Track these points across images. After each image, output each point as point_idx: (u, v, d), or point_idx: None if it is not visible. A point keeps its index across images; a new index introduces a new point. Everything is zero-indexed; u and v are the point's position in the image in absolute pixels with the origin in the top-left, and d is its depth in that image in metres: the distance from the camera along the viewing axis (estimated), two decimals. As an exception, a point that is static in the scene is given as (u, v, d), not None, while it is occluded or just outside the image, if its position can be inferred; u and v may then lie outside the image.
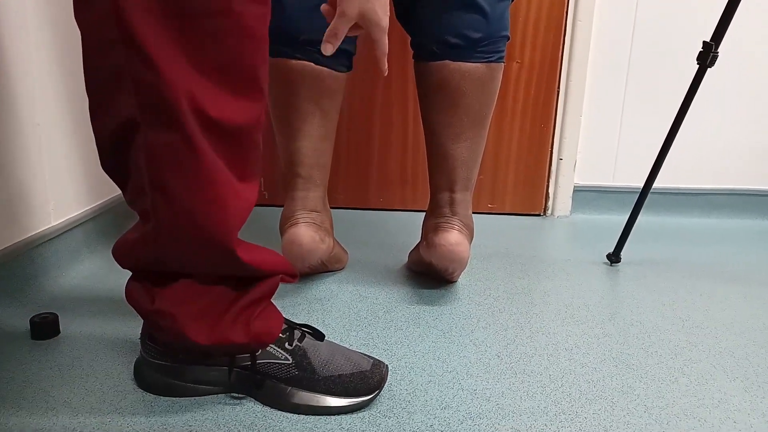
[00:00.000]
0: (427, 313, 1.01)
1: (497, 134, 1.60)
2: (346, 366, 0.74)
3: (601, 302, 1.08)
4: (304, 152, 1.06)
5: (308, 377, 0.72)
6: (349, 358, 0.76)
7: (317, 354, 0.74)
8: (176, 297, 0.69)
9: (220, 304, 0.70)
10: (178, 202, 0.63)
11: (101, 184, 1.27)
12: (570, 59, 1.56)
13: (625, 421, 0.73)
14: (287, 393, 0.72)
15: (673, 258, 1.34)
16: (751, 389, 0.81)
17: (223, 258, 0.67)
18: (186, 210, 0.63)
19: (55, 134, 1.09)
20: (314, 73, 1.02)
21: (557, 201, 1.65)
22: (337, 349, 0.77)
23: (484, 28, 0.99)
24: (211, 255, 0.66)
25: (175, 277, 0.69)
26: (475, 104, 1.03)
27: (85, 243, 1.18)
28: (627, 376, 0.84)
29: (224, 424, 0.70)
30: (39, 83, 1.03)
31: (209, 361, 0.73)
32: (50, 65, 1.06)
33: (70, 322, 0.93)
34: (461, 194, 1.06)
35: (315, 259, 1.06)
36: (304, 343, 0.74)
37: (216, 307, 0.70)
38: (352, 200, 1.66)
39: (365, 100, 1.58)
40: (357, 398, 0.73)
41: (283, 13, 1.00)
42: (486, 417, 0.73)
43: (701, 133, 1.64)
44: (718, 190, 1.67)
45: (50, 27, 1.06)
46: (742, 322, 1.02)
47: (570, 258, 1.31)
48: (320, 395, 0.72)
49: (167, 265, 0.68)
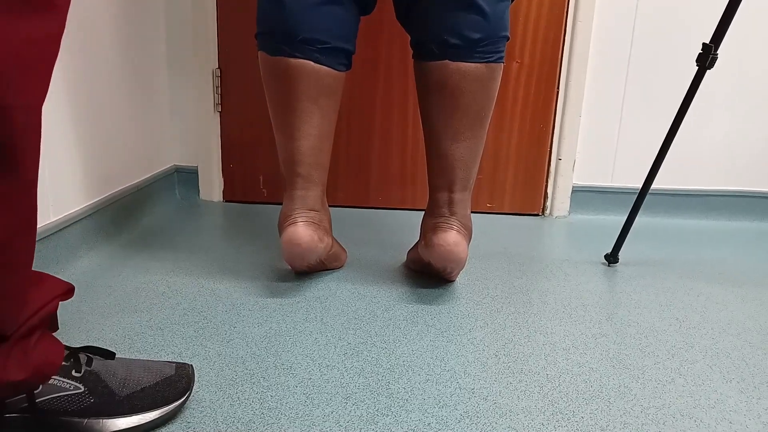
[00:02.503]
0: (425, 312, 1.02)
1: (496, 134, 1.61)
2: (148, 377, 0.69)
3: (599, 302, 1.09)
4: (303, 151, 1.06)
5: (107, 401, 0.65)
6: (148, 368, 0.71)
7: (112, 374, 0.67)
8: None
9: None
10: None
11: (100, 181, 1.27)
12: (570, 59, 1.56)
13: (621, 421, 0.73)
14: (84, 426, 0.64)
15: (671, 259, 1.34)
16: (747, 390, 0.82)
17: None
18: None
19: (53, 130, 1.09)
20: (313, 72, 1.02)
21: (556, 201, 1.65)
22: (133, 363, 0.71)
23: (484, 28, 0.99)
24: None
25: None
26: (474, 104, 1.03)
27: (83, 239, 1.18)
28: (624, 376, 0.84)
29: (223, 421, 0.70)
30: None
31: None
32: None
33: (67, 317, 0.93)
34: (460, 194, 1.07)
35: (313, 257, 1.06)
36: (94, 366, 0.67)
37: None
38: (351, 199, 1.66)
39: (365, 99, 1.59)
40: (167, 406, 0.68)
41: (282, 12, 1.00)
42: (483, 416, 0.73)
43: (700, 135, 1.64)
44: (716, 191, 1.67)
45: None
46: (739, 324, 1.03)
47: (568, 258, 1.32)
48: (125, 417, 0.65)
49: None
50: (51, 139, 1.08)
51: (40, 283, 0.64)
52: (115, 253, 1.22)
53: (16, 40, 0.50)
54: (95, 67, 1.22)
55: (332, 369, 0.83)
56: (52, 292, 0.65)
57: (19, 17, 0.50)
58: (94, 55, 1.21)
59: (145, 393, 0.68)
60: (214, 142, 1.62)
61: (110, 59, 1.28)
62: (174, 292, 1.05)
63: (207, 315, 0.97)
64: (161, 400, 0.69)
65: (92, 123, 1.22)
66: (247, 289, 1.08)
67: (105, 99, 1.27)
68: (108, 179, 1.30)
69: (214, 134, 1.62)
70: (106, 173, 1.29)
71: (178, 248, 1.27)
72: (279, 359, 0.85)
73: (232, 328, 0.93)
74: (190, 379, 0.73)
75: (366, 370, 0.83)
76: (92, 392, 0.65)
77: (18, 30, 0.50)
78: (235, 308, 1.00)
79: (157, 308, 0.99)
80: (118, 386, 0.67)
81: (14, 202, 0.54)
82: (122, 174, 1.37)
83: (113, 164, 1.32)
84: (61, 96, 1.10)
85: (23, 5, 0.50)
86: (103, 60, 1.25)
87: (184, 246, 1.29)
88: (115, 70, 1.30)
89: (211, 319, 0.96)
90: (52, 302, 0.65)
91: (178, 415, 0.71)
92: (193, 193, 1.66)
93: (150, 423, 0.67)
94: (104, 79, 1.26)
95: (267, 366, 0.83)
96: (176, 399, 0.70)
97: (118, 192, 1.33)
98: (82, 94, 1.17)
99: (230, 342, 0.89)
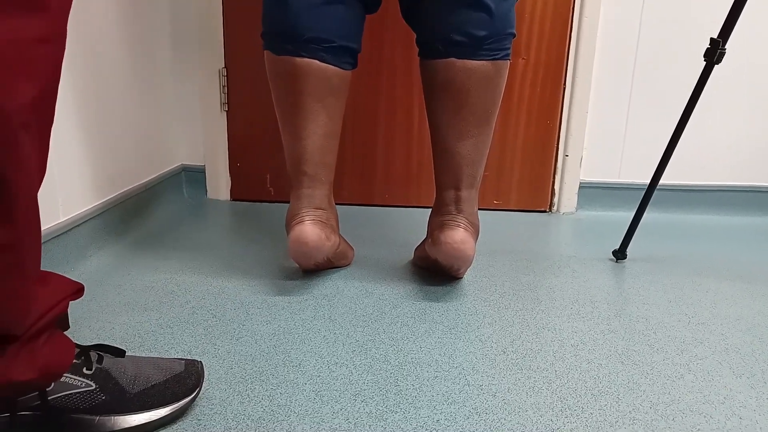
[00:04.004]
0: (433, 309, 1.02)
1: (503, 130, 1.60)
2: (158, 374, 0.70)
3: (607, 299, 1.09)
4: (309, 150, 1.06)
5: (118, 399, 0.66)
6: (158, 365, 0.71)
7: (123, 372, 0.68)
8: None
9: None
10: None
11: (109, 181, 1.28)
12: (576, 55, 1.55)
13: (630, 417, 0.73)
14: (96, 424, 0.64)
15: (679, 255, 1.34)
16: (758, 386, 0.81)
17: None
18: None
19: (62, 131, 1.10)
20: (319, 71, 1.03)
21: (563, 197, 1.65)
22: (143, 360, 0.72)
23: (490, 25, 0.99)
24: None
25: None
26: (480, 102, 1.03)
27: (92, 239, 1.19)
28: (633, 372, 0.84)
29: (233, 418, 0.71)
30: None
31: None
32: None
33: (78, 316, 0.94)
34: (467, 192, 1.06)
35: (321, 256, 1.06)
36: (105, 363, 0.67)
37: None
38: (357, 197, 1.66)
39: (371, 97, 1.59)
40: (177, 402, 0.69)
41: (288, 12, 1.00)
42: (492, 412, 0.73)
43: (708, 130, 1.63)
44: (724, 186, 1.66)
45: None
46: (748, 319, 1.02)
47: (576, 254, 1.31)
48: (136, 414, 0.66)
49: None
50: (59, 140, 1.09)
51: (49, 283, 0.65)
52: (124, 252, 1.23)
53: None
54: (102, 67, 1.23)
55: (341, 366, 0.83)
56: (61, 293, 0.65)
57: (4, 17, 0.50)
58: (100, 55, 1.22)
59: (155, 390, 0.68)
60: (221, 141, 1.63)
61: (117, 59, 1.29)
62: (183, 291, 1.06)
63: (216, 313, 0.98)
64: (171, 397, 0.69)
65: (100, 123, 1.23)
66: (255, 287, 1.08)
67: (112, 99, 1.27)
68: (116, 179, 1.31)
69: (221, 133, 1.62)
70: (114, 173, 1.30)
71: (186, 247, 1.28)
72: (288, 357, 0.85)
73: (240, 326, 0.94)
74: (199, 376, 0.73)
75: (374, 367, 0.83)
76: (103, 390, 0.65)
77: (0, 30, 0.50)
78: (244, 306, 1.01)
79: (166, 306, 1.00)
80: (129, 384, 0.67)
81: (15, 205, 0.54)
82: (130, 174, 1.38)
83: (121, 164, 1.33)
84: (68, 97, 1.11)
85: (9, 6, 0.50)
86: (110, 60, 1.26)
87: (192, 244, 1.29)
88: (121, 71, 1.31)
89: (219, 317, 0.96)
90: (62, 303, 0.65)
91: (187, 412, 0.71)
92: (201, 192, 1.66)
93: (160, 420, 0.68)
94: (111, 80, 1.27)
95: (276, 363, 0.83)
96: (186, 396, 0.70)
97: (126, 192, 1.34)
98: (90, 94, 1.18)
99: (239, 339, 0.89)
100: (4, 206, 0.54)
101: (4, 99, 0.51)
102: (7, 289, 0.57)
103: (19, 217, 0.55)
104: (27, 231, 0.57)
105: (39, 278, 0.62)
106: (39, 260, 0.61)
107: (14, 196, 0.54)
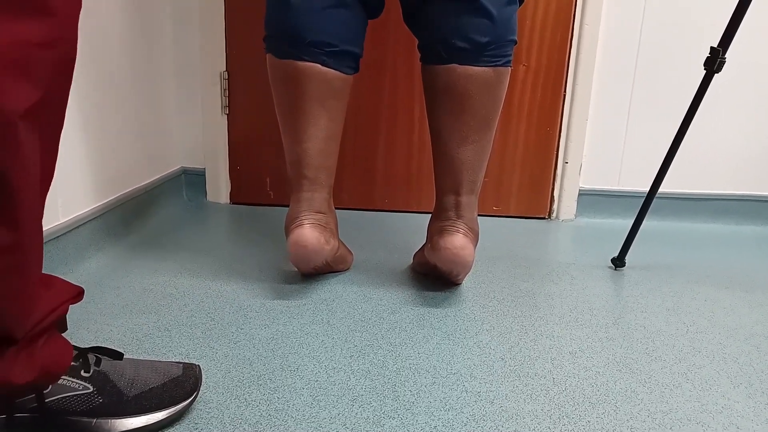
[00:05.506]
0: (431, 314, 1.02)
1: (503, 137, 1.61)
2: (156, 378, 0.69)
3: (606, 306, 1.09)
4: (310, 154, 1.06)
5: (115, 402, 0.66)
6: (156, 369, 0.71)
7: (120, 374, 0.68)
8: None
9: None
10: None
11: (108, 183, 1.28)
12: (577, 63, 1.56)
13: (628, 425, 0.73)
14: (93, 426, 0.64)
15: (678, 263, 1.34)
16: (755, 396, 0.81)
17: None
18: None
19: (63, 132, 1.10)
20: (321, 75, 1.03)
21: (562, 204, 1.65)
22: (141, 363, 0.71)
23: (491, 32, 0.99)
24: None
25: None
26: (481, 108, 1.03)
27: (92, 240, 1.19)
28: (631, 380, 0.84)
29: (230, 422, 0.70)
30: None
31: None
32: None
33: (76, 318, 0.94)
34: (467, 197, 1.07)
35: (320, 260, 1.06)
36: (103, 366, 0.67)
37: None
38: (357, 201, 1.66)
39: (372, 102, 1.59)
40: (175, 406, 0.69)
41: (290, 15, 1.00)
42: (489, 419, 0.73)
43: (708, 138, 1.63)
44: (724, 195, 1.66)
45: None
46: (746, 329, 1.02)
47: (574, 262, 1.31)
48: (133, 417, 0.66)
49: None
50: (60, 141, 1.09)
51: (49, 286, 0.65)
52: (123, 254, 1.23)
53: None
54: (103, 69, 1.23)
55: (338, 371, 0.83)
56: (61, 296, 0.65)
57: (7, 21, 0.50)
58: (101, 57, 1.22)
59: (152, 393, 0.68)
60: (222, 144, 1.63)
61: (118, 62, 1.29)
62: (181, 294, 1.06)
63: (214, 316, 0.98)
64: (169, 400, 0.69)
65: (101, 125, 1.23)
66: (254, 290, 1.08)
67: (113, 101, 1.28)
68: (116, 181, 1.31)
69: (222, 136, 1.63)
70: (115, 175, 1.30)
71: (185, 249, 1.28)
72: (285, 361, 0.85)
73: (239, 330, 0.94)
74: (197, 380, 0.73)
75: (372, 373, 0.83)
76: (101, 392, 0.65)
77: (1, 32, 0.50)
78: (242, 310, 1.01)
79: (164, 309, 0.99)
80: (127, 386, 0.67)
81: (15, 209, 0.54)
82: (130, 176, 1.38)
83: (121, 166, 1.33)
84: (69, 98, 1.11)
85: (13, 9, 0.51)
86: (111, 62, 1.26)
87: (192, 247, 1.29)
88: (123, 73, 1.31)
89: (218, 321, 0.96)
90: (62, 306, 0.65)
91: (185, 415, 0.71)
92: (200, 195, 1.67)
93: (158, 423, 0.67)
94: (112, 82, 1.27)
95: (274, 367, 0.83)
96: (184, 399, 0.70)
97: (126, 193, 1.34)
98: (91, 96, 1.18)
99: (237, 343, 0.89)
100: (5, 208, 0.54)
101: (4, 100, 0.51)
102: (10, 291, 0.57)
103: (21, 219, 0.55)
104: (30, 233, 0.57)
105: (41, 280, 0.62)
106: (41, 262, 0.61)
107: (16, 198, 0.54)
